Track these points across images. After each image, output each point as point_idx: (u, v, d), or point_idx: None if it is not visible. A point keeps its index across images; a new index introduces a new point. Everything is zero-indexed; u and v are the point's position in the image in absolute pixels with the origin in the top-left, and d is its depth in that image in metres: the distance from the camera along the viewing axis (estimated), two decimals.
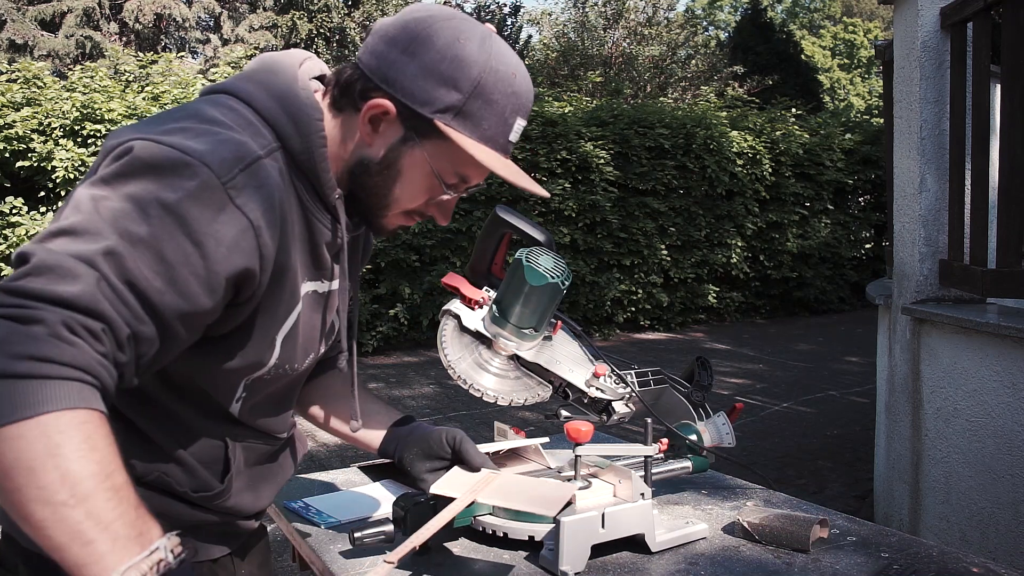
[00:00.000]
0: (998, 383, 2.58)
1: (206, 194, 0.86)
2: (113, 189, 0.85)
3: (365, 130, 1.01)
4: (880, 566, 1.22)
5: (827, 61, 36.66)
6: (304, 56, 1.08)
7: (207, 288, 0.88)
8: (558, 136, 8.62)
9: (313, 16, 18.87)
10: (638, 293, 9.21)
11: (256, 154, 0.92)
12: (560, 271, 1.37)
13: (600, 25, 16.71)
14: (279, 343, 1.03)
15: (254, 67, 1.05)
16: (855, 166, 10.82)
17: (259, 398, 1.10)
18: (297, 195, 1.00)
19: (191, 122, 0.92)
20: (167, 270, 0.85)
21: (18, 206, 6.50)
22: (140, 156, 0.86)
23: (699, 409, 1.61)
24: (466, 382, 1.41)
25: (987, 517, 2.65)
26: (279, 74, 1.02)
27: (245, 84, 1.01)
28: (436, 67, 0.97)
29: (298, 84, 1.01)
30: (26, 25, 16.41)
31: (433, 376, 6.88)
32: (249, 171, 0.90)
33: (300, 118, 0.99)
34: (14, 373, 0.74)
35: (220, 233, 0.87)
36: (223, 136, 0.91)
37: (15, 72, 7.06)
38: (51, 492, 0.73)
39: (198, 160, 0.86)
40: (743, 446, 4.74)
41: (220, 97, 0.99)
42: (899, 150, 3.22)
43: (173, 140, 0.87)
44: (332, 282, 1.12)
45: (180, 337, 0.90)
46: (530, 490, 1.15)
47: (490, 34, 1.02)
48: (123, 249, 0.82)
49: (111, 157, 0.89)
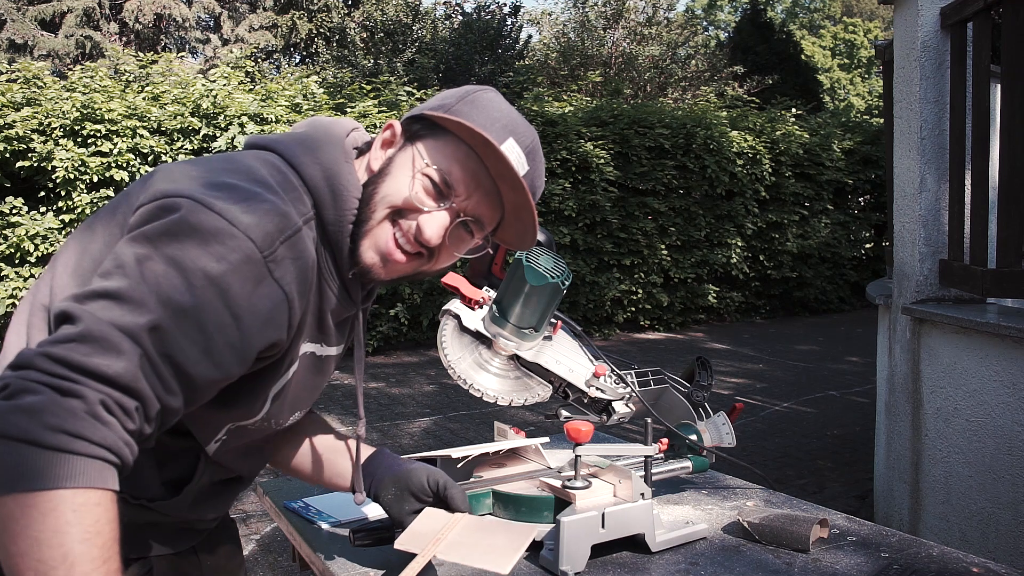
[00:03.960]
0: (998, 383, 2.57)
1: (248, 267, 0.89)
2: (157, 249, 0.86)
3: (376, 155, 1.07)
4: (880, 566, 1.22)
5: (827, 61, 36.66)
6: (353, 127, 1.12)
7: (240, 358, 0.91)
8: (558, 136, 8.62)
9: (313, 16, 18.87)
10: (638, 293, 9.21)
11: (297, 225, 0.95)
12: (560, 271, 1.37)
13: (600, 25, 16.71)
14: (270, 398, 1.05)
15: (307, 132, 1.08)
16: (855, 166, 10.82)
17: (237, 444, 1.11)
18: (318, 262, 1.02)
19: (240, 179, 0.94)
20: (205, 340, 0.87)
21: (18, 206, 6.50)
22: (188, 220, 0.87)
23: (699, 409, 1.61)
24: (466, 382, 1.41)
25: (987, 517, 2.65)
26: (328, 145, 1.05)
27: (296, 149, 1.03)
28: (444, 99, 1.08)
29: (344, 160, 1.05)
30: (26, 25, 16.40)
31: (433, 376, 6.88)
32: (289, 243, 0.93)
33: (340, 194, 1.02)
34: (44, 443, 0.76)
35: (258, 306, 0.90)
36: (268, 205, 0.92)
37: (15, 72, 7.06)
38: (49, 568, 0.75)
39: (243, 233, 0.88)
40: (743, 446, 4.74)
41: (270, 156, 1.02)
42: (899, 150, 3.22)
43: (221, 206, 0.89)
44: (332, 348, 1.13)
45: (203, 400, 0.92)
46: (489, 537, 1.12)
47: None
48: (167, 323, 0.84)
49: (158, 208, 0.90)
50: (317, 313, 1.05)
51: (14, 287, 6.37)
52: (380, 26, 15.54)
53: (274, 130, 7.27)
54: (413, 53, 14.78)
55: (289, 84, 8.32)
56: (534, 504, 1.30)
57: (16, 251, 6.41)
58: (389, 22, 15.51)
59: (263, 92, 7.79)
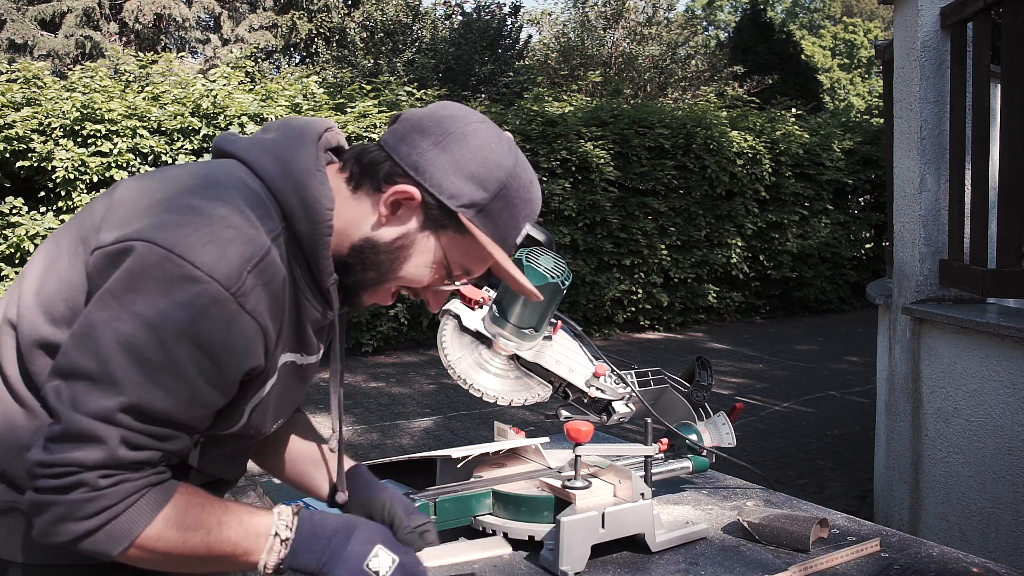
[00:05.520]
0: (998, 383, 2.57)
1: (216, 308, 0.88)
2: (123, 307, 0.87)
3: (384, 212, 1.02)
4: (880, 566, 1.22)
5: (827, 61, 36.66)
6: (325, 126, 1.08)
7: (222, 391, 0.94)
8: (558, 136, 8.62)
9: (313, 16, 18.86)
10: (638, 293, 9.21)
11: (265, 247, 0.92)
12: (560, 271, 1.37)
13: (600, 25, 16.71)
14: (247, 411, 1.03)
15: (276, 139, 1.04)
16: (855, 166, 10.82)
17: (222, 451, 1.10)
18: (292, 274, 1.00)
19: (203, 200, 0.92)
20: (186, 389, 0.89)
21: (18, 206, 6.50)
22: (148, 270, 0.87)
23: (699, 409, 1.61)
24: (466, 382, 1.41)
25: (987, 517, 2.65)
26: (299, 155, 1.01)
27: (264, 158, 1.01)
28: (468, 164, 1.01)
29: (316, 167, 1.01)
30: (26, 25, 16.40)
31: (433, 376, 6.88)
32: (258, 270, 0.91)
33: (312, 206, 0.99)
34: (91, 529, 0.87)
35: (232, 343, 0.91)
36: (233, 232, 0.90)
37: (15, 72, 7.06)
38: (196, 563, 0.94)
39: (207, 275, 0.87)
40: (743, 446, 4.73)
41: (237, 169, 1.00)
42: (899, 150, 3.22)
43: (182, 246, 0.87)
44: (312, 356, 1.11)
45: (204, 426, 0.97)
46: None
47: (513, 142, 1.07)
48: (142, 393, 0.87)
49: (118, 253, 0.89)
50: (295, 324, 1.03)
51: None
52: (380, 26, 15.55)
53: None
54: (413, 53, 14.79)
55: (289, 84, 8.32)
56: (534, 504, 1.30)
57: (16, 251, 6.41)
58: (389, 22, 15.52)
59: (263, 92, 7.80)
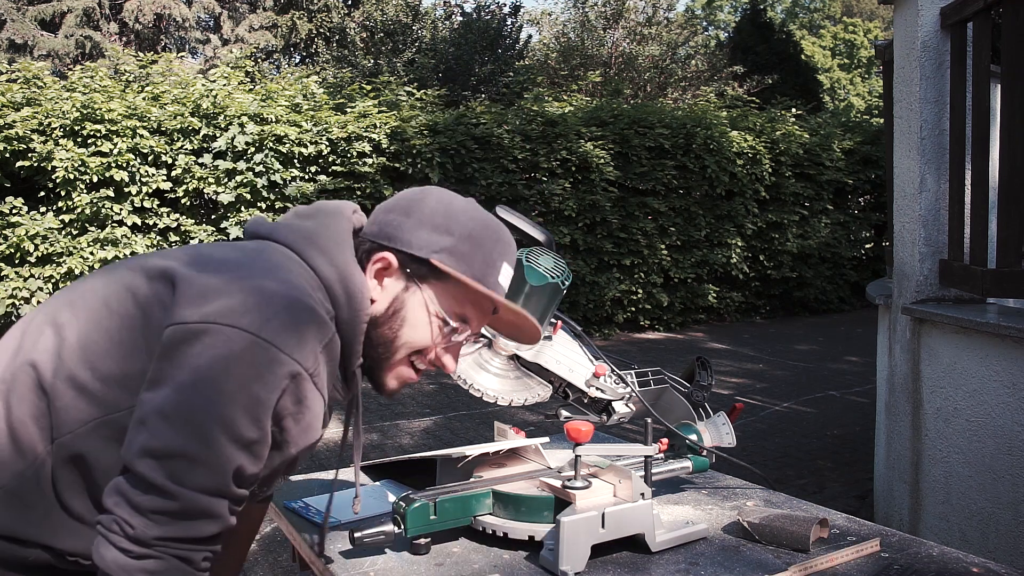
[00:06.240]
0: (998, 383, 2.57)
1: (294, 384, 0.95)
2: (218, 390, 0.91)
3: (373, 285, 1.10)
4: (880, 566, 1.22)
5: (827, 61, 36.66)
6: (352, 210, 1.14)
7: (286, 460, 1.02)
8: (558, 136, 8.62)
9: (313, 16, 18.87)
10: (638, 293, 9.21)
11: (332, 329, 1.01)
12: (560, 271, 1.37)
13: (600, 25, 16.71)
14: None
15: (315, 229, 1.09)
16: (855, 166, 10.81)
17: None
18: None
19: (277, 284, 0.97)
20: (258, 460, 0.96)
21: (18, 206, 6.50)
22: (239, 354, 0.91)
23: (699, 409, 1.61)
24: (466, 382, 1.41)
25: (987, 517, 2.65)
26: (340, 245, 1.08)
27: (310, 250, 1.06)
28: (431, 218, 1.10)
29: (354, 260, 1.08)
30: (26, 25, 16.40)
31: (433, 376, 6.88)
32: (327, 348, 0.99)
33: (354, 296, 1.06)
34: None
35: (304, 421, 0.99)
36: (310, 315, 0.97)
37: (15, 72, 7.07)
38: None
39: (289, 357, 0.93)
40: (743, 446, 4.73)
41: (291, 254, 1.06)
42: (899, 150, 3.22)
43: (265, 332, 0.93)
44: (323, 429, 1.15)
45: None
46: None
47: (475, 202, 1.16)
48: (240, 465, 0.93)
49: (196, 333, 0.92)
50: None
51: (14, 287, 6.38)
52: (380, 26, 15.55)
53: (273, 130, 7.27)
54: (413, 53, 14.79)
55: (289, 84, 8.32)
56: (534, 504, 1.30)
57: (16, 251, 6.41)
58: (389, 22, 15.52)
59: (263, 92, 7.80)
